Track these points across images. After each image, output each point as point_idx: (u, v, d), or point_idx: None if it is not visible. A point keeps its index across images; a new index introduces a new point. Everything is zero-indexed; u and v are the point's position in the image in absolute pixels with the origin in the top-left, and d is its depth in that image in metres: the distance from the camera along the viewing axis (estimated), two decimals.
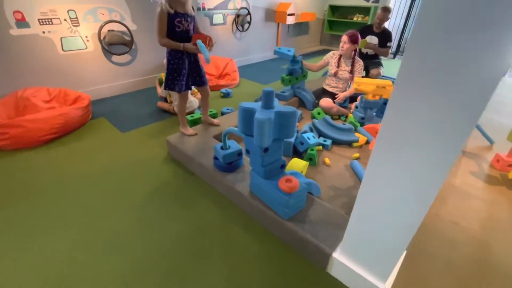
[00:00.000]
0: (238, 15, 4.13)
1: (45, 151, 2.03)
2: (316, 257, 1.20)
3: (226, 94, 3.19)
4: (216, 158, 1.66)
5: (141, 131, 2.37)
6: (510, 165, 1.92)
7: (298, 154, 2.00)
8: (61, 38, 2.59)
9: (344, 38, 2.48)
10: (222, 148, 1.62)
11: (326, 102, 2.61)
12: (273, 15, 4.80)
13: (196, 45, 1.72)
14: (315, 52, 5.96)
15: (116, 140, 2.22)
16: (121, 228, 1.39)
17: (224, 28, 4.08)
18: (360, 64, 2.61)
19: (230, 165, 1.61)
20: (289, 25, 5.23)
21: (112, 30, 2.88)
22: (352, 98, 2.75)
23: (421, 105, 0.68)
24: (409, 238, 0.86)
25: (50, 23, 2.50)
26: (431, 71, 0.64)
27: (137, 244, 1.30)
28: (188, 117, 2.36)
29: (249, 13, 4.23)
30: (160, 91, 2.56)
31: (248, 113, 1.19)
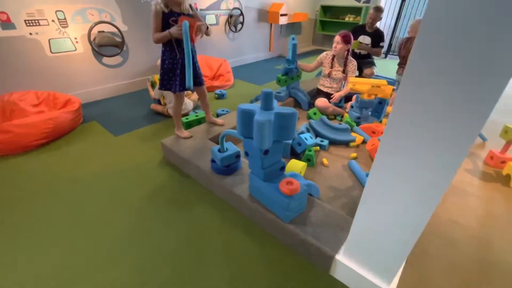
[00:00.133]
0: (231, 16, 4.10)
1: (36, 157, 1.96)
2: (319, 260, 1.18)
3: (221, 95, 3.15)
4: (214, 161, 1.63)
5: (135, 134, 2.31)
6: (503, 162, 1.95)
7: (296, 155, 1.98)
8: (49, 40, 2.51)
9: (337, 39, 2.49)
10: (220, 151, 1.59)
11: (322, 102, 2.60)
12: (266, 16, 4.79)
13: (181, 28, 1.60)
14: (308, 52, 5.98)
15: (109, 144, 2.16)
16: (118, 235, 1.34)
17: (217, 29, 4.05)
18: (354, 64, 2.61)
19: (228, 168, 1.58)
20: (282, 26, 5.23)
21: (102, 31, 2.81)
22: (347, 98, 2.76)
23: (427, 112, 0.67)
24: (414, 241, 0.85)
25: (37, 24, 2.41)
26: (437, 77, 0.63)
27: (135, 251, 1.26)
28: (183, 119, 2.32)
29: (242, 14, 4.21)
30: (153, 93, 2.51)
31: (247, 115, 1.16)
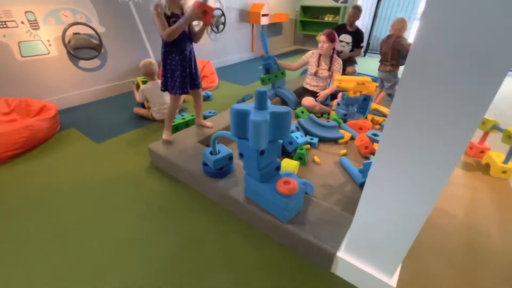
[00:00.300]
0: (213, 16, 4.04)
1: (9, 169, 1.81)
2: (320, 258, 1.18)
3: (206, 97, 3.09)
4: (206, 164, 1.59)
5: (119, 141, 2.21)
6: (482, 152, 2.06)
7: (287, 154, 1.98)
8: (19, 43, 2.34)
9: (323, 38, 2.52)
10: (212, 153, 1.55)
11: (309, 101, 2.63)
12: (247, 16, 4.78)
13: (200, 10, 1.53)
14: (290, 52, 6.04)
15: (91, 152, 2.04)
16: (107, 249, 1.26)
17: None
18: (339, 63, 2.66)
19: (221, 171, 1.54)
20: (263, 26, 5.24)
21: (78, 33, 2.66)
22: (333, 96, 2.80)
23: (428, 109, 0.68)
24: (416, 233, 0.86)
25: (5, 26, 2.24)
26: (434, 77, 0.64)
27: (130, 266, 1.19)
28: None
29: (224, 14, 4.17)
30: (138, 97, 2.41)
31: (241, 116, 1.14)
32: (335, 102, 2.69)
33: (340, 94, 2.54)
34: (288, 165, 1.69)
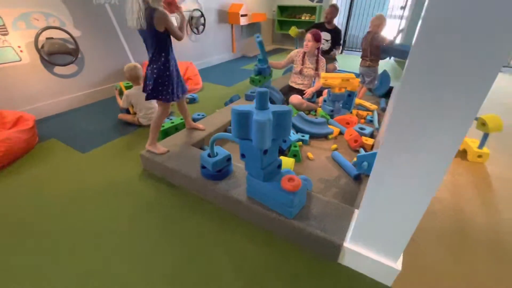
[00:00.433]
0: (192, 17, 3.99)
1: None
2: (327, 250, 1.22)
3: (192, 100, 3.05)
4: (204, 167, 1.57)
5: (106, 149, 2.12)
6: None
7: (281, 152, 2.01)
8: None
9: (308, 37, 2.58)
10: (210, 156, 1.54)
11: (296, 99, 2.68)
12: (226, 16, 4.76)
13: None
14: (269, 52, 6.09)
15: (77, 163, 1.94)
16: (107, 261, 1.21)
17: None
18: (323, 61, 2.74)
19: (220, 173, 1.54)
20: (242, 26, 5.24)
21: (51, 38, 2.51)
22: (318, 93, 2.88)
23: (430, 103, 0.73)
24: (419, 219, 0.92)
25: None
26: (437, 74, 0.69)
27: (134, 280, 1.15)
28: None
29: (203, 15, 4.12)
30: (122, 102, 2.33)
31: (244, 117, 1.15)
32: (321, 99, 2.77)
33: (326, 91, 2.62)
34: (285, 163, 1.72)
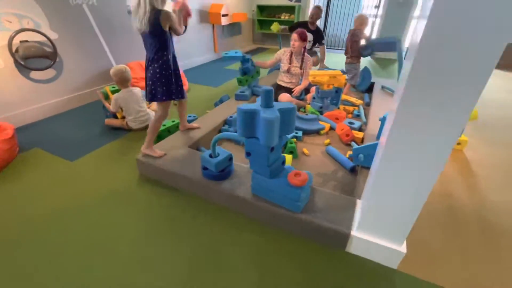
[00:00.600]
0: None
1: None
2: (335, 240, 1.27)
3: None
4: (206, 168, 1.56)
5: (96, 156, 2.03)
6: None
7: None
8: None
9: (295, 37, 2.64)
10: (211, 156, 1.54)
11: (286, 97, 2.73)
12: (207, 17, 4.72)
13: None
14: (250, 52, 6.12)
15: (67, 172, 1.84)
16: (116, 275, 1.18)
17: None
18: (310, 60, 2.82)
19: (223, 172, 1.54)
20: (223, 26, 5.22)
21: (26, 41, 2.36)
22: (306, 90, 2.95)
23: (433, 97, 0.80)
24: (422, 204, 0.99)
25: None
26: (442, 71, 0.76)
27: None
28: None
29: None
30: (111, 106, 2.24)
31: (250, 116, 1.16)
32: (309, 96, 2.84)
33: (314, 88, 2.70)
34: (286, 159, 1.76)
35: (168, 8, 1.59)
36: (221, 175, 1.54)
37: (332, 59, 5.23)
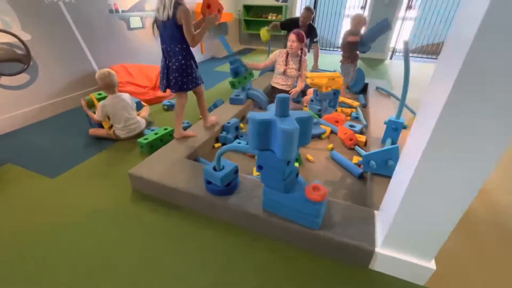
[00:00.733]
0: (157, 18, 3.69)
1: None
2: (357, 258, 1.18)
3: (170, 106, 2.82)
4: (209, 182, 1.43)
5: (80, 171, 1.82)
6: None
7: None
8: None
9: (292, 37, 2.54)
10: (215, 169, 1.40)
11: None
12: (193, 17, 4.53)
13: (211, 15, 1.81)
14: (237, 53, 5.99)
15: (47, 191, 1.63)
16: None
17: (145, 33, 3.59)
18: (307, 62, 2.74)
19: (229, 187, 1.41)
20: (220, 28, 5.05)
21: None
22: (302, 93, 2.87)
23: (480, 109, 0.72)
24: (460, 215, 0.92)
25: None
26: (493, 74, 0.68)
27: None
28: (141, 140, 1.97)
29: None
30: (96, 115, 2.03)
31: (265, 126, 1.05)
32: (306, 99, 2.77)
33: (312, 91, 2.62)
34: None
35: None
36: (227, 190, 1.41)
37: (320, 60, 5.19)
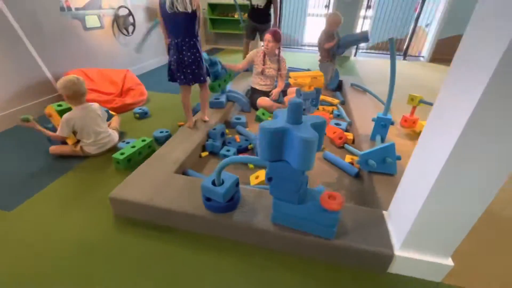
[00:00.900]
0: (118, 16, 3.35)
1: None
2: (376, 263, 1.14)
3: (143, 114, 2.56)
4: (209, 199, 1.29)
5: (45, 198, 1.54)
6: (414, 122, 2.51)
7: None
8: None
9: (268, 37, 2.47)
10: (214, 184, 1.26)
11: (265, 101, 2.55)
12: (156, 14, 4.21)
13: None
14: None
15: (5, 227, 1.34)
16: None
17: (104, 33, 3.23)
18: (285, 61, 2.70)
19: (231, 202, 1.29)
20: None
21: None
22: (283, 92, 2.82)
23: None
24: (483, 211, 0.92)
25: None
26: None
27: None
28: (117, 155, 1.74)
29: (131, 13, 3.52)
30: (60, 131, 1.72)
31: (279, 135, 0.95)
32: (287, 99, 2.72)
33: (294, 90, 2.58)
34: None
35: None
36: (230, 205, 1.28)
37: (291, 59, 5.24)
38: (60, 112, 1.77)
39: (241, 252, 1.24)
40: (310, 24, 6.78)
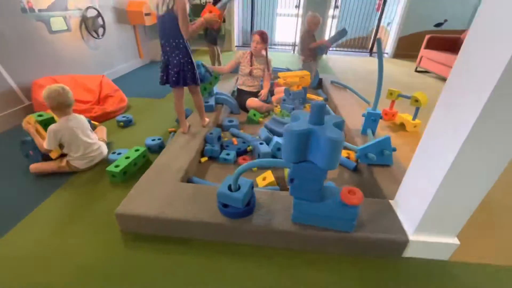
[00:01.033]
0: (86, 18, 3.11)
1: None
2: (392, 250, 1.22)
3: (128, 122, 2.42)
4: (225, 206, 1.27)
5: (35, 222, 1.38)
6: (394, 115, 2.69)
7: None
8: None
9: (256, 38, 2.47)
10: (230, 189, 1.25)
11: (255, 102, 2.56)
12: (126, 16, 3.98)
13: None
14: None
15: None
16: None
17: (72, 36, 2.97)
18: (271, 61, 2.72)
19: (249, 206, 1.28)
20: (145, 27, 4.54)
21: None
22: (270, 92, 2.85)
23: None
24: (483, 196, 1.03)
25: None
26: None
27: None
28: (112, 168, 1.64)
29: (100, 15, 3.28)
30: (47, 143, 1.55)
31: (305, 137, 0.97)
32: (274, 99, 2.76)
33: (282, 90, 2.62)
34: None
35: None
36: (248, 210, 1.27)
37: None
38: (46, 123, 1.59)
39: (264, 255, 1.24)
40: (281, 24, 6.91)
